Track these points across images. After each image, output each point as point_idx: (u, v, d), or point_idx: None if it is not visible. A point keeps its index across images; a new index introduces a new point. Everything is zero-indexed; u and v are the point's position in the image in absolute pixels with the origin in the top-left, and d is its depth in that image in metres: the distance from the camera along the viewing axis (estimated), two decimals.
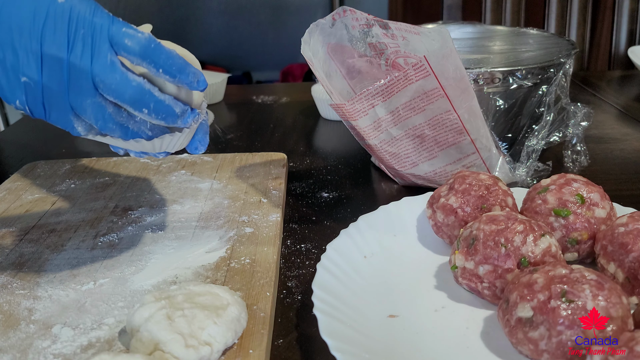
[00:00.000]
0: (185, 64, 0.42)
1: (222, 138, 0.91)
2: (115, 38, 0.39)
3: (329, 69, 0.66)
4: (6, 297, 0.49)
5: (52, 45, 0.38)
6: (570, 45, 0.78)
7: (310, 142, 0.90)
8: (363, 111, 0.60)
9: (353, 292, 0.48)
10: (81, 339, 0.44)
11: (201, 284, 0.45)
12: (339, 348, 0.40)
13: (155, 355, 0.39)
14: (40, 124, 1.05)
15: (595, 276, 0.39)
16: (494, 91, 0.70)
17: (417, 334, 0.44)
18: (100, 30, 0.39)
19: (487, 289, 0.46)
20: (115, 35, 0.39)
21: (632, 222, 0.46)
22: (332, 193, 0.71)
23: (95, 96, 0.40)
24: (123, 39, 0.39)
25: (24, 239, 0.58)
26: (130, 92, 0.40)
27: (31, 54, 0.38)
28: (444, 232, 0.55)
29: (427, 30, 0.60)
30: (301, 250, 0.59)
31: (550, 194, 0.52)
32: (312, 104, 1.02)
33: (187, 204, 0.65)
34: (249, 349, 0.42)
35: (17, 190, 0.70)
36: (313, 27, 0.62)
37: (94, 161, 0.78)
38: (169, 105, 0.43)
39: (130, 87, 0.40)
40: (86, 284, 0.51)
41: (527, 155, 0.69)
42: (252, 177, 0.72)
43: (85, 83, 0.39)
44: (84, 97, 0.40)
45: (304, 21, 0.72)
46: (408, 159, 0.65)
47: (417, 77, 0.57)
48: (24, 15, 0.37)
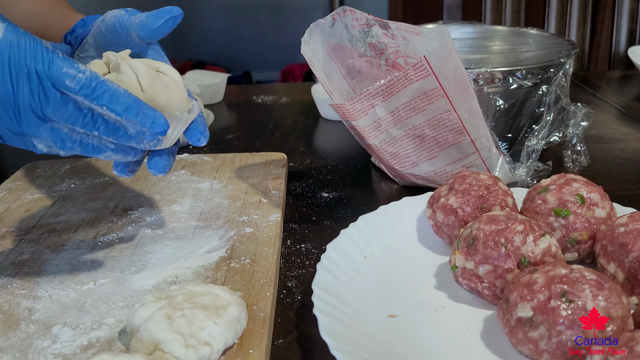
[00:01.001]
0: (134, 104, 0.41)
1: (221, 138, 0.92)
2: (55, 79, 0.39)
3: (329, 69, 0.66)
4: (6, 297, 0.49)
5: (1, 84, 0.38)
6: (570, 45, 0.78)
7: (310, 142, 0.90)
8: (363, 111, 0.60)
9: (353, 292, 0.48)
10: (81, 339, 0.44)
11: (201, 284, 0.45)
12: (339, 348, 0.40)
13: (155, 355, 0.39)
14: None
15: (595, 276, 0.39)
16: (494, 91, 0.70)
17: (417, 334, 0.44)
18: (40, 74, 0.39)
19: (487, 289, 0.46)
20: (55, 76, 0.39)
21: (632, 222, 0.46)
22: (332, 193, 0.71)
23: (47, 123, 0.41)
24: (64, 80, 0.39)
25: (24, 239, 0.58)
26: (81, 121, 0.41)
27: None
28: (444, 232, 0.55)
29: (427, 30, 0.60)
30: (301, 250, 0.59)
31: (550, 194, 0.52)
32: (312, 104, 1.02)
33: (187, 204, 0.65)
34: (249, 349, 0.42)
35: (17, 190, 0.70)
36: (313, 27, 0.62)
37: (94, 161, 0.78)
38: (119, 127, 0.43)
39: (81, 115, 0.41)
40: (86, 284, 0.51)
41: (527, 155, 0.69)
42: (252, 177, 0.72)
43: (35, 117, 0.40)
44: (36, 127, 0.40)
45: (304, 21, 0.72)
46: (408, 159, 0.65)
47: (417, 77, 0.57)
48: None
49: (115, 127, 0.42)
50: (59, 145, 0.42)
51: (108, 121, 0.42)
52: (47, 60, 0.39)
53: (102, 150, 0.44)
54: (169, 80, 0.47)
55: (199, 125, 0.50)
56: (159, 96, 0.45)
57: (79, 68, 0.40)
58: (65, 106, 0.40)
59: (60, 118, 0.40)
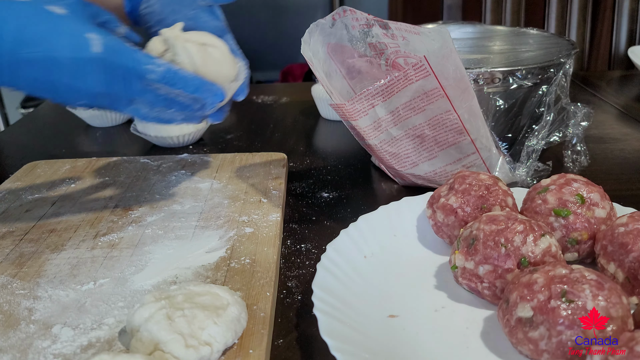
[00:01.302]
0: (200, 84, 0.53)
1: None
2: (141, 75, 0.51)
3: (329, 69, 0.66)
4: (6, 297, 0.49)
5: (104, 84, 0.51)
6: (570, 45, 0.78)
7: (310, 142, 0.90)
8: (363, 111, 0.60)
9: (353, 292, 0.48)
10: (81, 339, 0.44)
11: (201, 284, 0.45)
12: (339, 348, 0.40)
13: (155, 355, 0.39)
14: (40, 124, 1.05)
15: (595, 276, 0.39)
16: (494, 91, 0.70)
17: (417, 334, 0.44)
18: (131, 72, 0.50)
19: (487, 289, 0.46)
20: (141, 73, 0.51)
21: (632, 222, 0.46)
22: (332, 193, 0.71)
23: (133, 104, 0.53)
24: (146, 75, 0.51)
25: (24, 239, 0.58)
26: (159, 103, 0.53)
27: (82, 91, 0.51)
28: (444, 232, 0.55)
29: (427, 30, 0.60)
30: (301, 250, 0.59)
31: (550, 194, 0.52)
32: (312, 104, 1.02)
33: (187, 204, 0.65)
34: (249, 349, 0.42)
35: (17, 190, 0.70)
36: (313, 27, 0.62)
37: (94, 161, 0.78)
38: (189, 104, 0.54)
39: (159, 99, 0.53)
40: (86, 284, 0.51)
41: (527, 155, 0.69)
42: (252, 177, 0.72)
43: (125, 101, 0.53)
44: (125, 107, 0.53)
45: (304, 21, 0.72)
46: (408, 159, 0.65)
47: (417, 77, 0.57)
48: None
49: (184, 105, 0.54)
50: (141, 119, 0.55)
51: (180, 101, 0.53)
52: (139, 60, 0.50)
53: (173, 121, 0.55)
54: (216, 53, 0.56)
55: (243, 85, 0.60)
56: (210, 71, 0.55)
57: (157, 63, 0.51)
58: (146, 94, 0.52)
59: (143, 102, 0.52)
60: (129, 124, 0.93)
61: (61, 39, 0.49)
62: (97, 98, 0.51)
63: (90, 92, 0.50)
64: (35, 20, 0.49)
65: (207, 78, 0.54)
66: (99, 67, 0.49)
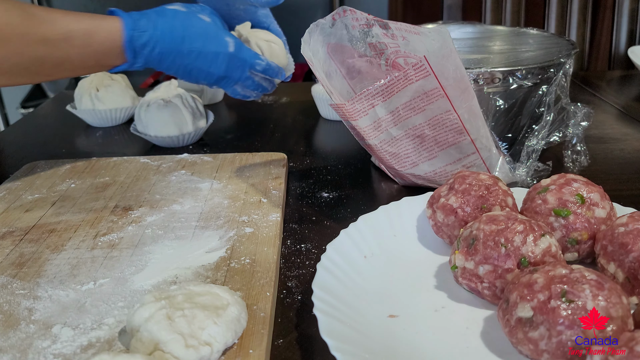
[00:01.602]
0: (279, 70, 0.76)
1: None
2: (252, 67, 0.74)
3: (329, 69, 0.66)
4: (6, 297, 0.49)
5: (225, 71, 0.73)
6: (570, 45, 0.78)
7: (310, 142, 0.90)
8: (363, 111, 0.60)
9: (353, 292, 0.48)
10: (81, 339, 0.44)
11: (201, 284, 0.45)
12: (339, 348, 0.39)
13: (155, 355, 0.39)
14: (40, 124, 1.05)
15: (595, 276, 0.39)
16: (494, 91, 0.70)
17: (417, 334, 0.44)
18: (248, 65, 0.73)
19: (487, 289, 0.46)
20: (253, 66, 0.74)
21: (632, 222, 0.46)
22: (332, 193, 0.71)
23: (235, 85, 0.76)
24: (255, 66, 0.73)
25: (24, 239, 0.58)
26: (251, 84, 0.76)
27: (213, 74, 0.73)
28: (444, 232, 0.55)
29: (427, 30, 0.60)
30: (301, 250, 0.59)
31: (550, 194, 0.52)
32: (312, 104, 1.02)
33: (187, 204, 0.65)
34: (249, 349, 0.42)
35: (17, 190, 0.70)
36: (313, 27, 0.62)
37: (94, 161, 0.78)
38: (266, 86, 0.78)
39: (252, 81, 0.75)
40: (86, 284, 0.51)
41: (527, 155, 0.69)
42: (252, 177, 0.72)
43: (232, 83, 0.75)
44: (229, 87, 0.76)
45: (304, 21, 0.72)
46: (408, 159, 0.65)
47: (417, 77, 0.57)
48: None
49: (263, 86, 0.77)
50: (231, 95, 0.78)
51: (262, 84, 0.77)
52: (252, 56, 0.73)
53: (249, 96, 0.79)
54: (276, 48, 0.78)
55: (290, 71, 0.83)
56: (274, 61, 0.76)
57: (261, 58, 0.74)
58: (247, 79, 0.74)
59: (243, 84, 0.75)
60: (129, 124, 0.93)
61: (211, 39, 0.70)
62: (217, 79, 0.73)
63: (217, 75, 0.72)
64: (195, 24, 0.70)
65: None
66: (228, 59, 0.71)
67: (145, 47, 0.67)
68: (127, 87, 0.99)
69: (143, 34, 0.67)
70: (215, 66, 0.71)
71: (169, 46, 0.68)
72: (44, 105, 1.18)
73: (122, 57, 0.67)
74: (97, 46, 0.65)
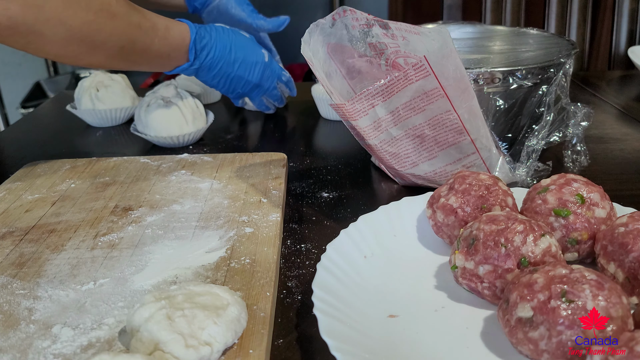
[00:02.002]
0: (293, 83, 0.95)
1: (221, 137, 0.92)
2: (279, 78, 0.92)
3: (329, 69, 0.66)
4: (6, 297, 0.49)
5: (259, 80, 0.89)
6: (570, 45, 0.78)
7: (310, 142, 0.90)
8: (363, 111, 0.60)
9: (353, 292, 0.48)
10: (81, 339, 0.44)
11: (201, 284, 0.45)
12: (339, 348, 0.40)
13: (155, 355, 0.39)
14: (40, 124, 1.05)
15: (595, 276, 0.39)
16: (494, 91, 0.70)
17: (417, 334, 0.44)
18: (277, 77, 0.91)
19: (487, 289, 0.46)
20: (280, 77, 0.92)
21: (632, 222, 0.46)
22: (332, 193, 0.71)
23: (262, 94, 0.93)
24: (282, 77, 0.92)
25: (24, 239, 0.58)
26: (276, 94, 0.94)
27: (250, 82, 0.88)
28: (444, 232, 0.55)
29: (427, 30, 0.60)
30: (301, 250, 0.59)
31: (550, 194, 0.52)
32: (312, 104, 1.02)
33: (187, 204, 0.65)
34: (249, 349, 0.42)
35: (17, 190, 0.70)
36: (313, 27, 0.62)
37: (94, 161, 0.78)
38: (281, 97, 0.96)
39: (277, 91, 0.93)
40: (86, 284, 0.51)
41: (527, 155, 0.69)
42: (252, 177, 0.72)
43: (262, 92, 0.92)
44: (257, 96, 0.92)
45: (304, 21, 0.73)
46: (408, 159, 0.65)
47: (417, 77, 0.57)
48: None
49: (281, 99, 0.96)
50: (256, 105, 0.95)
51: (281, 96, 0.95)
52: (279, 68, 0.91)
53: (270, 108, 0.97)
54: None
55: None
56: None
57: (285, 71, 0.92)
58: (273, 89, 0.91)
59: (268, 93, 0.92)
60: (129, 124, 0.93)
61: (250, 50, 0.85)
62: (252, 88, 0.87)
63: (253, 83, 0.86)
64: (239, 38, 0.84)
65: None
66: (262, 68, 0.86)
67: (203, 51, 0.79)
68: (127, 87, 0.99)
69: (203, 39, 0.78)
70: (253, 74, 0.85)
71: (220, 53, 0.80)
72: (44, 105, 1.18)
73: (185, 56, 0.78)
74: (172, 40, 0.74)
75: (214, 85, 0.85)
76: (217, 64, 0.80)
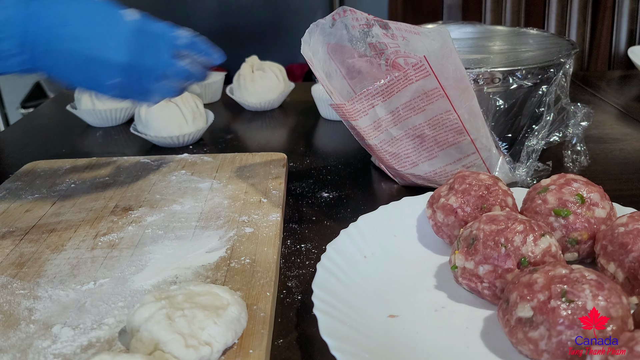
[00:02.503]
0: (207, 45, 0.61)
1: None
2: (173, 44, 0.58)
3: (329, 69, 0.66)
4: (6, 297, 0.49)
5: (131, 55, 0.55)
6: (570, 45, 0.78)
7: (310, 142, 0.90)
8: (363, 111, 0.60)
9: (353, 292, 0.48)
10: (81, 339, 0.44)
11: (201, 284, 0.45)
12: (339, 348, 0.40)
13: (155, 355, 0.39)
14: (40, 124, 1.05)
15: (595, 276, 0.39)
16: (494, 91, 0.70)
17: (417, 334, 0.44)
18: (163, 41, 0.57)
19: (487, 289, 0.46)
20: (171, 41, 0.58)
21: (632, 222, 0.46)
22: (332, 193, 0.71)
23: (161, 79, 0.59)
24: (176, 42, 0.58)
25: (24, 239, 0.58)
26: (180, 70, 0.59)
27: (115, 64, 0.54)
28: (444, 232, 0.55)
29: (427, 30, 0.60)
30: (301, 250, 0.59)
31: (550, 194, 0.52)
32: (312, 104, 1.02)
33: (187, 204, 0.65)
34: (249, 349, 0.42)
35: (17, 190, 0.70)
36: (313, 27, 0.62)
37: (94, 161, 0.78)
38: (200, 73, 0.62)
39: (180, 66, 0.59)
40: (86, 284, 0.51)
41: (527, 155, 0.69)
42: (252, 177, 0.72)
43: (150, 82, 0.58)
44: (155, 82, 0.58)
45: (304, 21, 0.72)
46: (408, 159, 0.65)
47: (417, 77, 0.57)
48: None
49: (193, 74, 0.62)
50: (154, 102, 0.62)
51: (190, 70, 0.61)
52: (168, 32, 0.58)
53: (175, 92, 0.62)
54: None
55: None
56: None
57: (184, 30, 0.59)
58: (172, 66, 0.58)
59: (167, 72, 0.59)
60: (129, 124, 0.93)
61: (97, 16, 0.56)
62: (125, 73, 0.55)
63: (117, 64, 0.54)
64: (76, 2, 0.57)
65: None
66: (128, 35, 0.55)
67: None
68: None
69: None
70: (113, 49, 0.53)
71: (49, 29, 0.53)
72: (44, 105, 1.18)
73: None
74: None
75: (65, 79, 0.56)
76: (50, 45, 0.52)
